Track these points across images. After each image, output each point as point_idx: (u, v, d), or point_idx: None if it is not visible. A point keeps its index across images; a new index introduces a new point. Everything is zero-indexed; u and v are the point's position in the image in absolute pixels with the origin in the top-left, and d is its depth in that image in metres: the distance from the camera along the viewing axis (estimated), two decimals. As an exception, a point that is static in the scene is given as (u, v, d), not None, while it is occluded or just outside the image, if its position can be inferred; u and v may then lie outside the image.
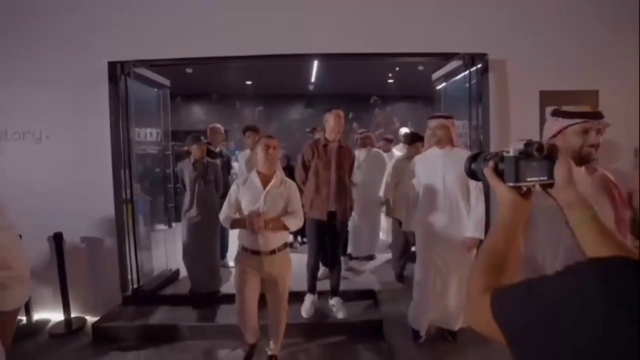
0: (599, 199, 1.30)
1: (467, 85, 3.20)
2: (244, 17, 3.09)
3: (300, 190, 2.71)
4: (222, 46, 3.12)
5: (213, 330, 2.87)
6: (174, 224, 4.02)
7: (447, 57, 3.28)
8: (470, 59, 3.12)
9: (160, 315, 3.05)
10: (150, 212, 3.69)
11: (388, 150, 4.91)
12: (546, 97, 3.15)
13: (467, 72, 3.18)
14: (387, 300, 3.17)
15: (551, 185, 0.72)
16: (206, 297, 3.21)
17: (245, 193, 2.27)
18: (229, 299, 3.05)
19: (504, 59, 3.13)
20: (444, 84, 3.81)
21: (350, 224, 3.76)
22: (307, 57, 3.63)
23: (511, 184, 0.71)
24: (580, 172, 1.36)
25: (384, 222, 4.57)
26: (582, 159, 1.34)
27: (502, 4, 3.13)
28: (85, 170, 3.14)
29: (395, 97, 8.46)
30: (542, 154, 0.71)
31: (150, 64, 3.31)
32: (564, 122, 1.35)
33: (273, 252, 2.24)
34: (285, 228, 2.26)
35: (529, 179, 0.71)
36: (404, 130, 4.88)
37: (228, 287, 3.29)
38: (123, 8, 3.10)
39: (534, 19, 3.11)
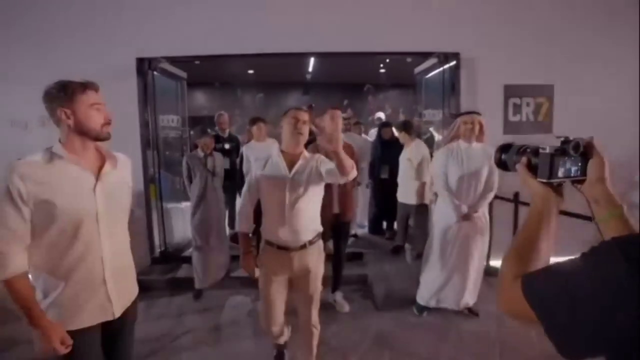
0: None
1: (442, 79, 3.77)
2: (250, 20, 3.56)
3: None
4: (231, 44, 3.61)
5: (230, 281, 3.47)
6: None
7: (426, 55, 3.83)
8: (445, 57, 3.67)
9: (184, 271, 3.66)
10: (172, 189, 4.27)
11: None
12: (509, 90, 3.71)
13: (442, 68, 3.74)
14: (372, 261, 3.83)
15: (582, 181, 0.73)
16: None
17: (265, 177, 1.88)
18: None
19: (474, 57, 3.63)
20: (424, 77, 4.37)
21: None
22: (303, 56, 4.12)
23: (544, 180, 0.72)
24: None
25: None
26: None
27: (474, 8, 3.60)
28: (117, 152, 3.67)
29: (387, 86, 8.97)
30: (578, 152, 0.71)
31: (173, 60, 3.84)
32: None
33: (304, 246, 1.88)
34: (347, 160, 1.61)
35: (560, 176, 0.72)
36: (381, 115, 5.29)
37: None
38: (149, 12, 3.59)
39: (500, 23, 3.61)
